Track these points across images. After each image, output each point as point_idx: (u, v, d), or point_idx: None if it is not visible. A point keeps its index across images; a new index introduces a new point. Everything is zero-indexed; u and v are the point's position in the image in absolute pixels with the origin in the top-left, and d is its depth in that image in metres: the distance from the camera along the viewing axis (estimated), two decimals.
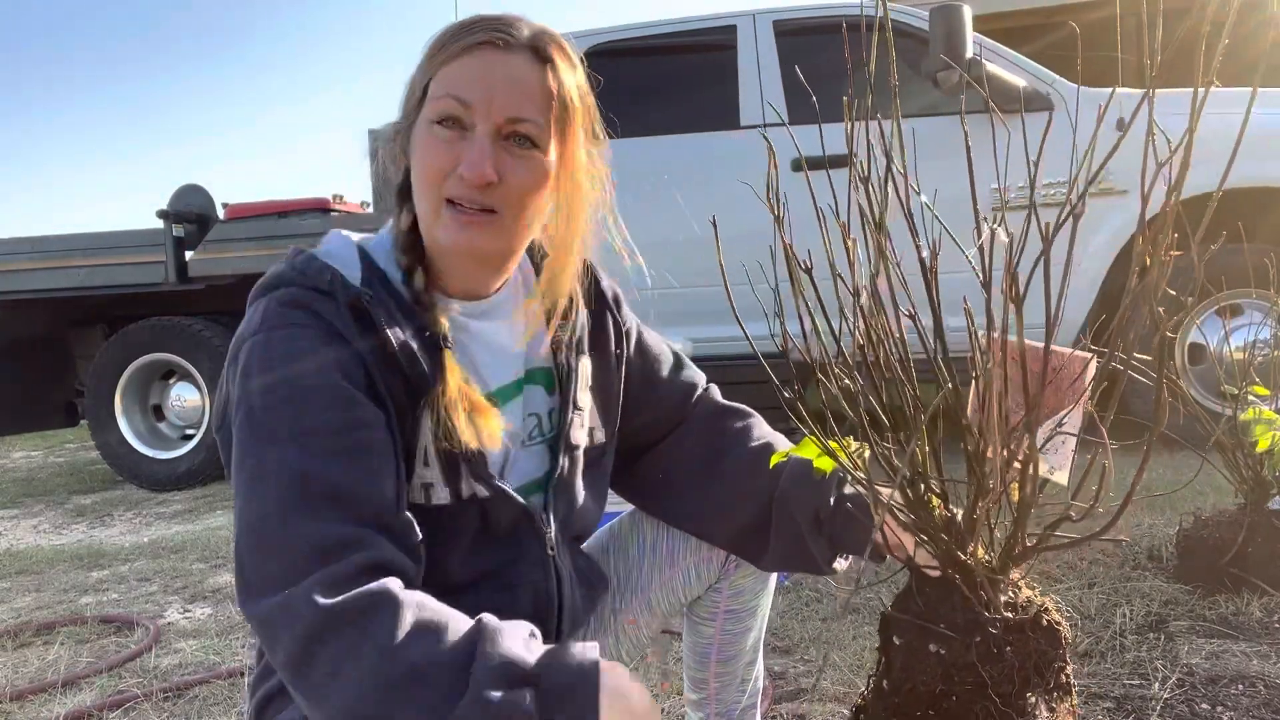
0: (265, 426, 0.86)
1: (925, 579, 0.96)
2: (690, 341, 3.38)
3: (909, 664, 0.93)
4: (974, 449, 0.88)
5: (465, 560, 1.00)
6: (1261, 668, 1.65)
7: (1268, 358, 2.25)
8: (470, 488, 0.98)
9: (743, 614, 1.26)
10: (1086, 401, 0.89)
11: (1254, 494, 2.01)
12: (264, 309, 0.92)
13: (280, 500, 0.83)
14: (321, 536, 0.81)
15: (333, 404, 0.87)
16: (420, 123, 0.95)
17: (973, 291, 0.86)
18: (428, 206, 0.95)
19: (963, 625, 0.90)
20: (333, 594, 0.78)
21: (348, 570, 0.80)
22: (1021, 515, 0.88)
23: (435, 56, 0.95)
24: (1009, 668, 0.88)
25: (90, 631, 2.46)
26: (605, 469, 1.16)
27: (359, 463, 0.86)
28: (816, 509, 1.11)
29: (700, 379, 1.27)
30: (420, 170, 0.95)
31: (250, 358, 0.89)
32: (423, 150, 0.94)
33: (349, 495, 0.84)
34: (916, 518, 0.94)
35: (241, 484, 0.86)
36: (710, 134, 3.92)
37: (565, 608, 1.09)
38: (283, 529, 0.82)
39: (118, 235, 5.00)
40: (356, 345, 0.90)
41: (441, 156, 0.93)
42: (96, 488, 5.02)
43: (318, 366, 0.88)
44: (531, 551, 1.05)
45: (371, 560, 0.82)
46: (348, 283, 0.93)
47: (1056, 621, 0.92)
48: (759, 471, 1.14)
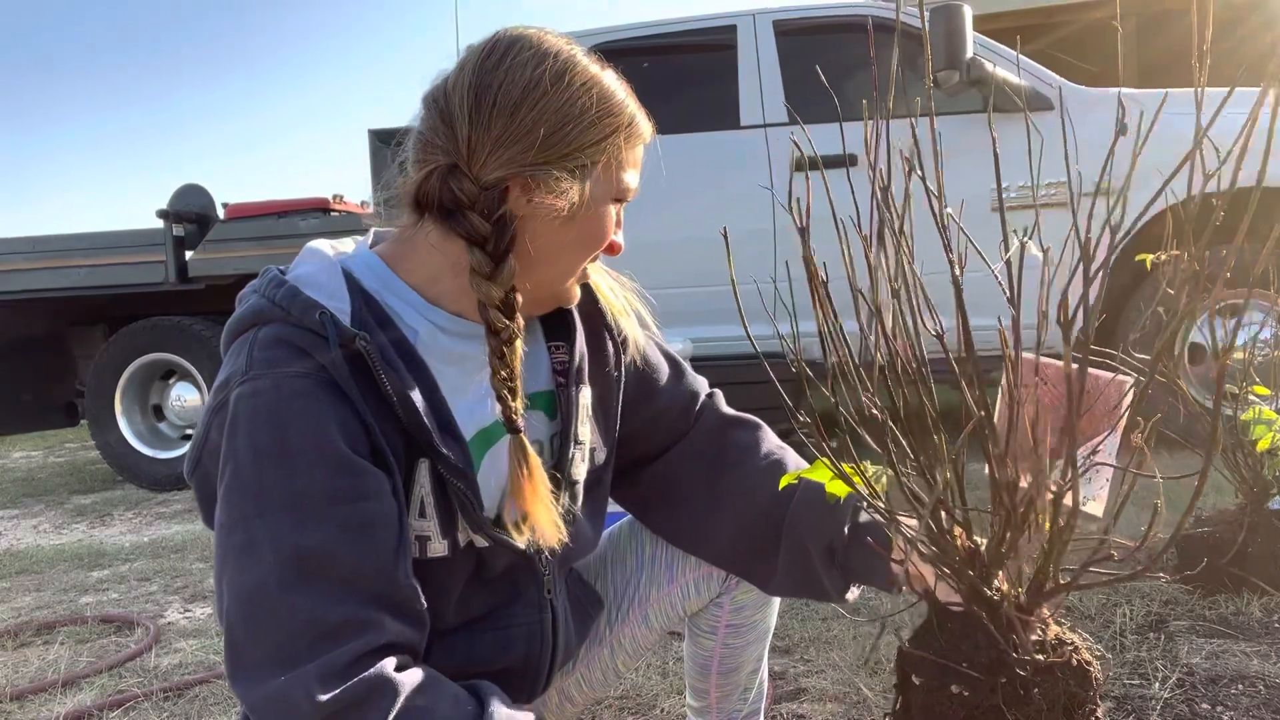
0: (255, 493, 0.81)
1: (946, 614, 0.90)
2: (690, 342, 3.38)
3: (929, 705, 0.87)
4: (1002, 477, 0.83)
5: (459, 607, 0.97)
6: (1261, 668, 1.65)
7: (1268, 358, 2.24)
8: (468, 536, 0.95)
9: (744, 629, 1.22)
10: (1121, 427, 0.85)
11: (1254, 494, 2.01)
12: (248, 351, 0.86)
13: (276, 575, 0.78)
14: (320, 617, 0.78)
15: (329, 469, 0.81)
16: (598, 191, 0.92)
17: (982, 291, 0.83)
18: (570, 272, 0.97)
19: (987, 665, 0.84)
20: (330, 686, 0.76)
21: (346, 659, 0.77)
22: (1053, 549, 0.82)
23: (621, 132, 0.93)
24: (1037, 711, 0.82)
25: (90, 631, 2.46)
26: (605, 485, 1.12)
27: (359, 534, 0.81)
28: (830, 538, 1.06)
29: (703, 387, 1.21)
30: (589, 241, 0.95)
31: (237, 410, 0.83)
32: (601, 223, 0.94)
33: (348, 570, 0.80)
34: (938, 549, 0.88)
35: (231, 551, 0.81)
36: (710, 134, 3.92)
37: (559, 643, 1.06)
38: (278, 607, 0.78)
39: (118, 235, 4.99)
40: (353, 395, 0.84)
41: (609, 233, 0.96)
42: (96, 488, 5.02)
43: (312, 424, 0.81)
44: (528, 593, 1.03)
45: (372, 645, 0.79)
46: (340, 323, 0.85)
47: (1088, 661, 0.87)
48: (766, 493, 1.09)
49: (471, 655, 0.98)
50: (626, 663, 1.23)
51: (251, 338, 0.87)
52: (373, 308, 0.90)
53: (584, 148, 0.89)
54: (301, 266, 0.93)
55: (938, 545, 0.88)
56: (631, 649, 1.22)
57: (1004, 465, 0.83)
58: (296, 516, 0.80)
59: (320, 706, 0.75)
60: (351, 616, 0.79)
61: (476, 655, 0.99)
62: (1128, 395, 0.86)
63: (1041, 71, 3.69)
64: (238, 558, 0.81)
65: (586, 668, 1.21)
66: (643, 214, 1.35)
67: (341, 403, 0.84)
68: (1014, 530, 0.83)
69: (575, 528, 1.07)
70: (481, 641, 0.99)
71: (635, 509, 1.22)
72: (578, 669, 1.21)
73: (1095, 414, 0.87)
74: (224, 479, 0.83)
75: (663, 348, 1.19)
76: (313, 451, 0.81)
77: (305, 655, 0.77)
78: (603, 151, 0.90)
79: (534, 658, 1.04)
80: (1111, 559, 0.81)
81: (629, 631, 1.20)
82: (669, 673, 1.85)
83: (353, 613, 0.79)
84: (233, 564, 0.81)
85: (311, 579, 0.79)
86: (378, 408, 0.86)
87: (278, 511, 0.80)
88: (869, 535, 1.05)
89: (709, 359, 3.51)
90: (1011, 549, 0.84)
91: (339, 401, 0.84)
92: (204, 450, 0.88)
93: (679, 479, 1.16)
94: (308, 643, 0.77)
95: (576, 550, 1.10)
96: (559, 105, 0.88)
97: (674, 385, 1.17)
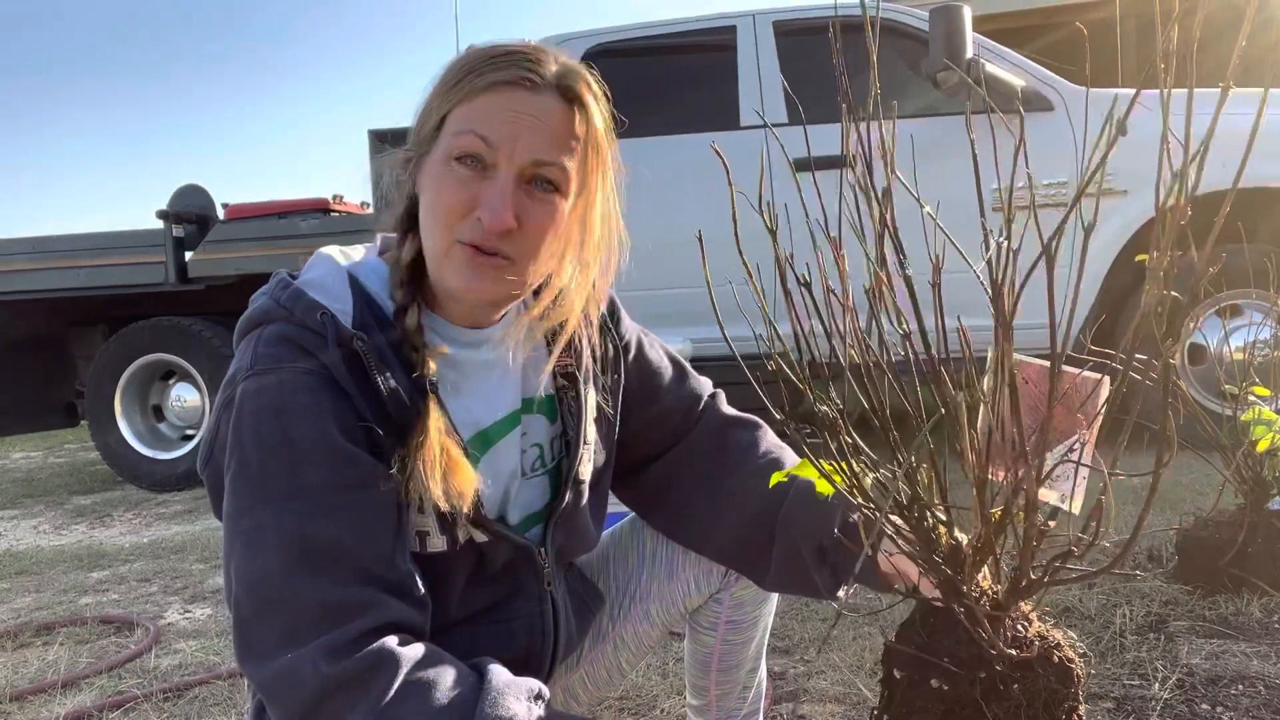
0: (260, 481, 0.84)
1: (929, 609, 0.91)
2: (690, 342, 3.38)
3: (909, 699, 0.88)
4: (978, 475, 0.84)
5: (461, 600, 0.99)
6: (1261, 668, 1.65)
7: (1268, 358, 2.25)
8: (468, 533, 0.96)
9: (744, 625, 1.24)
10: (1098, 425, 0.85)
11: (1254, 494, 2.01)
12: (253, 348, 0.89)
13: (282, 560, 0.82)
14: (325, 599, 0.81)
15: (329, 460, 0.84)
16: (436, 156, 0.91)
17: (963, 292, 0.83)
18: (438, 245, 0.91)
19: (966, 660, 0.85)
20: (336, 661, 0.78)
21: (350, 635, 0.79)
22: (1026, 546, 0.83)
23: (457, 88, 0.90)
24: (1015, 706, 0.83)
25: (90, 632, 2.46)
26: (606, 484, 1.15)
27: (359, 520, 0.84)
28: (820, 537, 1.08)
29: (705, 388, 1.23)
30: (435, 207, 0.91)
31: (243, 405, 0.86)
32: (439, 186, 0.90)
33: (350, 555, 0.83)
34: (917, 545, 0.89)
35: (238, 539, 0.85)
36: (709, 134, 3.92)
37: (560, 637, 1.08)
38: (285, 590, 0.81)
39: (118, 235, 5.00)
40: (351, 391, 0.87)
41: (460, 196, 0.89)
42: (96, 488, 5.02)
43: (313, 418, 0.85)
44: (528, 585, 1.04)
45: (375, 623, 0.81)
46: (340, 325, 0.88)
47: (1069, 658, 0.87)
48: (761, 491, 1.10)
49: (474, 648, 1.00)
50: (630, 660, 1.24)
51: (257, 336, 0.91)
52: (374, 310, 0.93)
53: (427, 119, 0.93)
54: (310, 271, 0.96)
55: (919, 541, 0.89)
56: (635, 646, 1.23)
57: (983, 463, 0.84)
58: (300, 504, 0.83)
59: (326, 680, 0.77)
60: (355, 597, 0.82)
61: (479, 648, 1.00)
62: (1101, 390, 0.86)
63: (1042, 72, 3.69)
64: (245, 544, 0.84)
65: (590, 665, 1.23)
66: (643, 214, 1.33)
67: (340, 398, 0.87)
68: (992, 527, 0.84)
69: (577, 526, 1.09)
70: (483, 635, 1.01)
71: (637, 507, 1.24)
72: (582, 666, 1.22)
73: (1072, 411, 0.88)
74: (230, 470, 0.87)
75: (666, 350, 1.22)
76: (314, 441, 0.84)
77: (311, 634, 0.80)
78: (435, 113, 0.92)
79: (535, 650, 1.06)
80: (1074, 554, 0.82)
81: (631, 627, 1.22)
82: (669, 673, 1.85)
83: (356, 594, 0.82)
84: (240, 551, 0.84)
85: (315, 563, 0.82)
86: (375, 405, 0.89)
87: (282, 500, 0.83)
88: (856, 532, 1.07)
89: (709, 360, 3.51)
90: (990, 546, 0.85)
91: (338, 396, 0.87)
92: (214, 444, 0.91)
93: (681, 478, 1.19)
94: (313, 622, 0.80)
95: (577, 547, 1.12)
96: (422, 98, 0.95)
97: (677, 387, 1.20)
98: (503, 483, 1.02)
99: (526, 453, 1.05)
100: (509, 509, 1.03)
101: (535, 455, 1.06)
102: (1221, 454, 2.01)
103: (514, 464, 1.04)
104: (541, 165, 0.90)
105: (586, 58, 3.98)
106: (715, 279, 0.94)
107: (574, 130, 0.91)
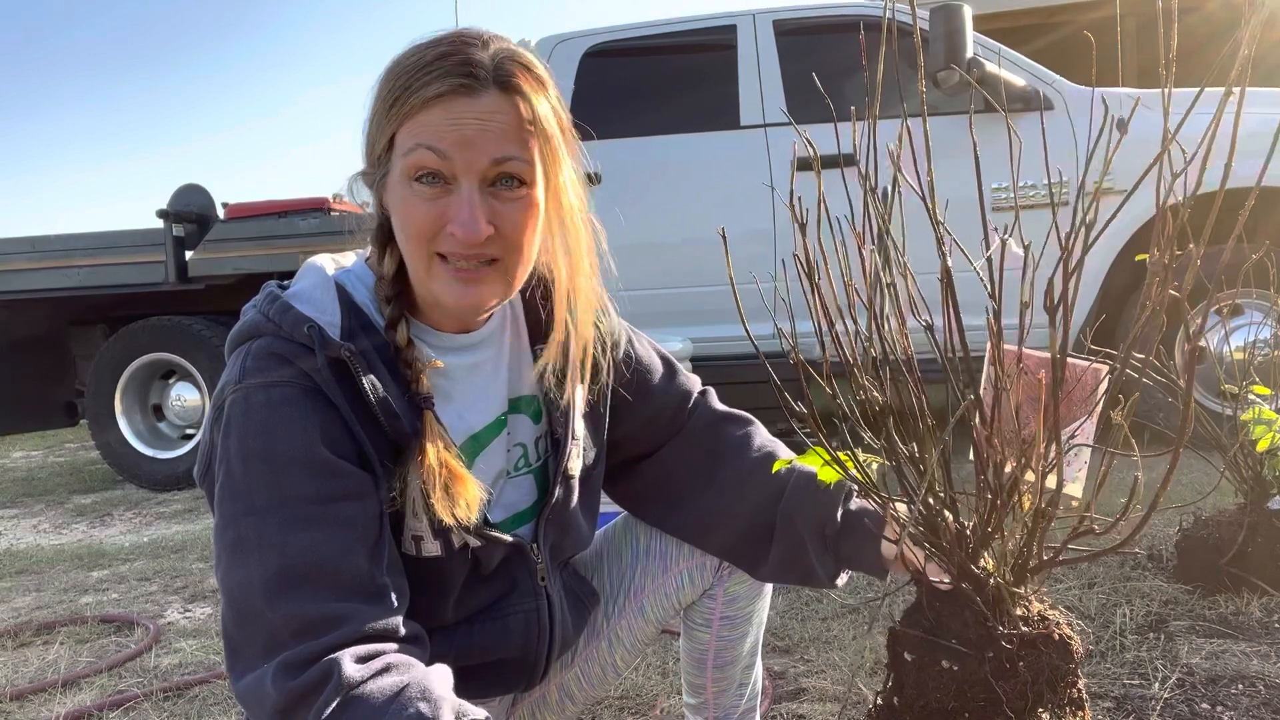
0: (244, 493, 0.85)
1: (935, 593, 0.94)
2: (689, 342, 3.38)
3: (921, 681, 0.90)
4: (986, 460, 0.86)
5: (459, 602, 1.00)
6: (1261, 668, 1.65)
7: (1267, 358, 2.24)
8: (461, 538, 0.97)
9: (738, 620, 1.25)
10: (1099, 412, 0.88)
11: (1254, 494, 2.01)
12: (242, 362, 0.90)
13: (262, 573, 0.82)
14: (300, 613, 0.81)
15: (312, 473, 0.85)
16: (396, 177, 0.90)
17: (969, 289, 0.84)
18: (419, 262, 0.91)
19: (975, 640, 0.87)
20: (292, 676, 0.78)
21: (313, 651, 0.79)
22: (1035, 528, 0.85)
23: (397, 105, 0.88)
24: (1022, 683, 0.86)
25: (90, 631, 2.46)
26: (597, 482, 1.15)
27: (341, 533, 0.85)
28: (823, 524, 1.09)
29: (695, 385, 1.24)
30: (406, 228, 0.90)
31: (230, 418, 0.87)
32: (406, 208, 0.89)
33: (329, 568, 0.83)
34: (927, 530, 0.91)
35: (224, 551, 0.86)
36: (710, 134, 3.92)
37: (556, 632, 1.09)
38: (262, 604, 0.82)
39: (118, 235, 4.99)
40: (339, 403, 0.88)
41: (428, 215, 0.88)
42: (96, 488, 5.02)
43: (298, 431, 0.85)
44: (523, 582, 1.06)
45: (348, 636, 0.81)
46: (327, 337, 0.89)
47: (1069, 635, 0.90)
48: (758, 482, 1.12)
49: (470, 646, 1.02)
50: (625, 658, 1.25)
51: (246, 350, 0.91)
52: (360, 319, 0.93)
53: (377, 140, 0.92)
54: (298, 283, 0.97)
55: (928, 526, 0.91)
56: (630, 643, 1.24)
57: (990, 449, 0.86)
58: (281, 516, 0.84)
59: (280, 697, 0.78)
60: (329, 612, 0.82)
61: (475, 645, 1.02)
62: (1103, 382, 0.89)
63: (1042, 71, 3.69)
64: (229, 556, 0.85)
65: (586, 662, 1.23)
66: (643, 214, 1.36)
67: (327, 409, 0.88)
68: (999, 511, 0.86)
69: (569, 522, 1.10)
70: (479, 632, 1.02)
71: (631, 505, 1.25)
72: (577, 663, 1.23)
73: (1073, 400, 0.89)
74: (218, 481, 0.87)
75: (656, 348, 1.22)
76: (297, 454, 0.85)
77: (290, 647, 0.80)
78: (382, 134, 0.91)
79: (531, 646, 1.07)
80: (1093, 534, 0.84)
81: (626, 624, 1.23)
82: (668, 673, 1.85)
83: (333, 608, 0.82)
84: (224, 563, 0.85)
85: (294, 577, 0.82)
86: (364, 414, 0.89)
87: (264, 511, 0.84)
88: (863, 519, 1.09)
89: (708, 359, 3.51)
90: (997, 529, 0.87)
91: (324, 408, 0.88)
92: (209, 456, 0.92)
93: (674, 474, 1.20)
94: (290, 636, 0.81)
95: (571, 544, 1.13)
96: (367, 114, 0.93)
97: (667, 384, 1.20)
98: (491, 483, 1.03)
99: (510, 452, 1.06)
100: (492, 508, 1.04)
101: (519, 454, 1.07)
102: (1221, 453, 2.01)
103: (502, 464, 1.05)
104: (501, 163, 0.88)
105: (586, 57, 3.98)
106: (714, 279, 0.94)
107: (522, 120, 0.89)
